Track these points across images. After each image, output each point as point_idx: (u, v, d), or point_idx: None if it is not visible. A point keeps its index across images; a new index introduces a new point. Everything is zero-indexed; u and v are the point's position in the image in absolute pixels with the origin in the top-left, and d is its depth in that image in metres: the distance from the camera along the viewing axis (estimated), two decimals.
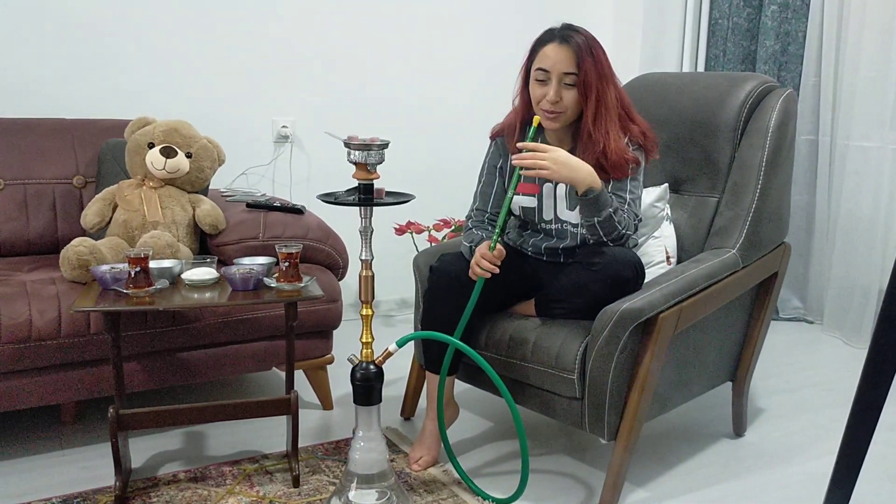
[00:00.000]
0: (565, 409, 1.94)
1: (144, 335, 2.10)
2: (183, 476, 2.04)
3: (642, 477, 2.09)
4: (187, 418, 2.02)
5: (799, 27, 3.34)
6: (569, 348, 1.89)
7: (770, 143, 2.15)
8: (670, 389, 2.02)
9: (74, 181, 2.59)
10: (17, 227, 2.49)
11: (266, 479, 2.03)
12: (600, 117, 1.94)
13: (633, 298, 1.84)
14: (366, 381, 1.79)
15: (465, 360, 2.06)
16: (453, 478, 2.04)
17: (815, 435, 2.36)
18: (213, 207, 2.37)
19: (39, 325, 1.97)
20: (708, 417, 2.45)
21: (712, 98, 2.27)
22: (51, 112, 2.71)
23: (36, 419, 2.34)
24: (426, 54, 3.44)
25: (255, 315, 2.24)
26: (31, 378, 2.02)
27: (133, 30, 2.90)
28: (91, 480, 2.01)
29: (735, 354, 2.27)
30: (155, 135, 2.36)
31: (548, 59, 1.94)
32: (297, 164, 3.26)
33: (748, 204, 2.13)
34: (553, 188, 2.05)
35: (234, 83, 3.09)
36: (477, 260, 1.92)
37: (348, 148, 1.72)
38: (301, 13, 3.17)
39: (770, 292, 2.24)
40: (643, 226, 2.20)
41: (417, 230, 3.23)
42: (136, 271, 1.82)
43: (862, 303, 3.15)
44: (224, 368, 2.26)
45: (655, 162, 2.28)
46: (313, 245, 2.37)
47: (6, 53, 2.72)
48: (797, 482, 2.07)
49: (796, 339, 3.29)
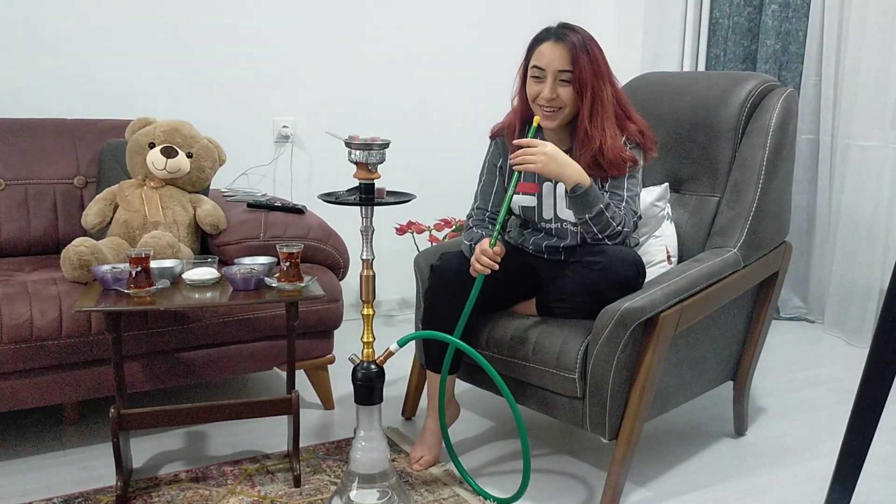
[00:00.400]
0: (566, 408, 1.94)
1: (145, 335, 2.10)
2: (184, 476, 2.04)
3: (643, 476, 2.09)
4: (188, 418, 2.02)
5: (800, 26, 3.34)
6: (570, 348, 1.89)
7: (771, 142, 2.15)
8: (671, 389, 2.02)
9: (75, 181, 2.59)
10: (18, 227, 2.50)
11: (267, 479, 2.03)
12: (596, 115, 1.95)
13: (634, 298, 1.84)
14: (367, 381, 1.79)
15: (466, 360, 2.07)
16: (455, 477, 2.04)
17: (816, 434, 2.36)
18: (214, 207, 2.37)
19: (41, 325, 1.98)
20: (709, 417, 2.45)
21: (713, 97, 2.27)
22: (52, 112, 2.72)
23: (37, 419, 2.35)
24: (427, 54, 3.44)
25: (256, 315, 2.24)
26: (33, 378, 2.02)
27: (134, 30, 2.90)
28: (92, 480, 2.01)
29: (736, 354, 2.27)
30: (156, 135, 2.36)
31: (543, 56, 1.95)
32: (298, 164, 3.26)
33: (749, 203, 2.13)
34: (553, 187, 2.06)
35: (234, 83, 3.10)
36: (477, 256, 1.92)
37: (349, 148, 1.72)
38: (302, 13, 3.17)
39: (771, 291, 2.24)
40: (644, 225, 2.20)
41: (418, 230, 3.23)
42: (137, 271, 1.82)
43: (863, 302, 3.15)
44: (225, 368, 2.26)
45: (656, 161, 2.28)
46: (314, 245, 2.37)
47: (7, 54, 2.72)
48: (798, 481, 2.07)
49: (797, 339, 3.29)
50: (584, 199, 1.89)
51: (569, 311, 1.99)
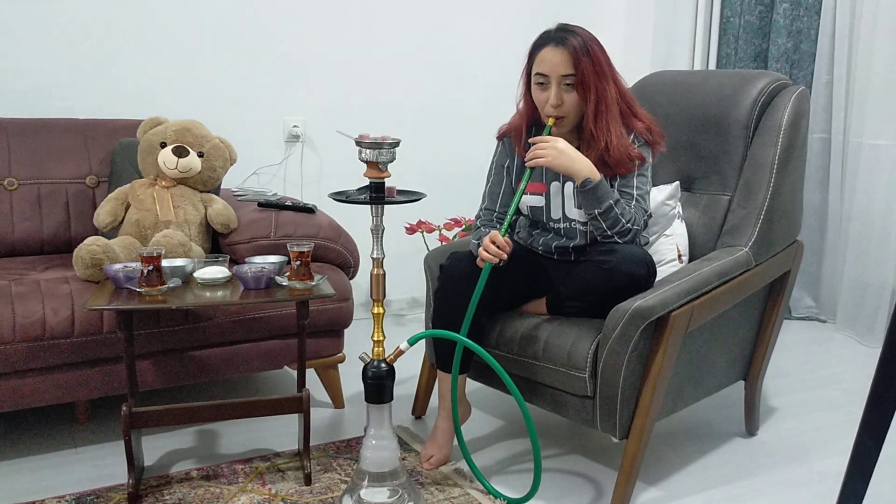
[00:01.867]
0: (577, 407, 1.94)
1: (157, 333, 2.11)
2: (195, 474, 2.05)
3: (654, 476, 2.08)
4: (199, 416, 2.03)
5: (811, 25, 3.32)
6: (580, 347, 1.89)
7: (782, 140, 2.14)
8: (682, 388, 2.02)
9: (87, 181, 2.61)
10: (30, 226, 2.51)
11: (278, 478, 2.04)
12: (601, 115, 1.95)
13: (644, 297, 1.83)
14: (377, 380, 1.79)
15: (477, 359, 2.06)
16: (465, 476, 2.04)
17: (828, 434, 2.35)
18: (224, 207, 2.38)
19: (53, 323, 1.99)
20: (720, 416, 2.45)
21: (724, 96, 2.26)
22: (63, 112, 2.73)
23: (49, 417, 2.36)
24: (437, 53, 3.44)
25: (267, 314, 2.25)
26: (45, 376, 2.03)
27: (145, 30, 2.91)
28: (104, 478, 2.02)
29: (747, 353, 2.26)
30: (167, 134, 2.37)
31: (545, 63, 1.95)
32: (308, 164, 3.27)
33: (760, 202, 2.12)
34: (560, 187, 2.06)
35: (245, 83, 3.11)
36: (485, 245, 1.91)
37: (359, 147, 1.73)
38: (313, 13, 3.18)
39: (782, 291, 2.23)
40: (654, 223, 2.20)
41: (428, 229, 3.23)
42: (148, 270, 1.83)
43: (875, 301, 3.14)
44: (236, 367, 2.27)
45: (667, 160, 2.28)
46: (325, 244, 2.38)
47: (19, 54, 2.74)
48: (810, 481, 2.06)
49: (809, 338, 3.27)
50: (594, 193, 1.89)
51: (579, 310, 1.99)
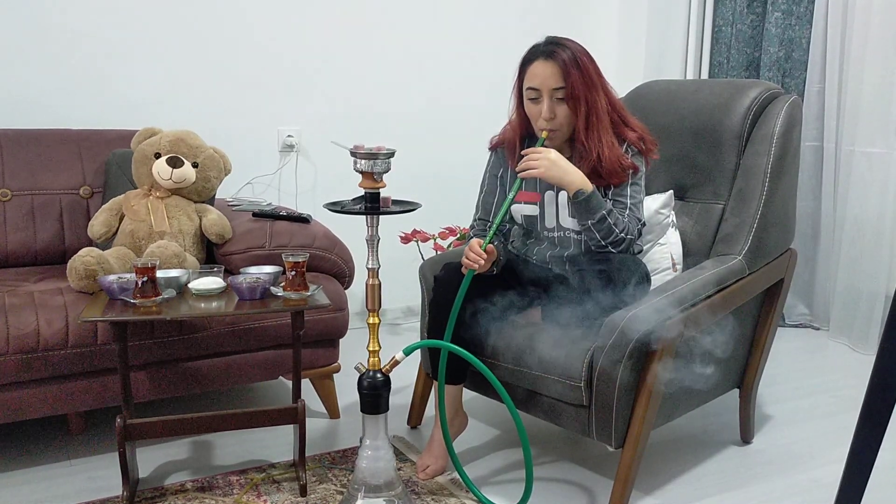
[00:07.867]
0: (572, 416, 1.94)
1: (152, 345, 2.11)
2: (190, 485, 2.04)
3: (650, 484, 2.08)
4: (194, 428, 2.02)
5: (803, 34, 3.34)
6: (575, 356, 1.89)
7: (775, 149, 2.15)
8: (677, 397, 2.02)
9: (81, 191, 2.60)
10: (24, 237, 2.51)
11: (273, 489, 2.03)
12: (592, 126, 1.96)
13: (639, 306, 1.84)
14: (373, 390, 1.79)
15: (474, 370, 2.06)
16: (461, 486, 2.04)
17: (823, 442, 2.35)
18: (219, 217, 2.38)
19: (47, 335, 1.98)
20: (715, 425, 2.45)
21: (717, 105, 2.27)
22: (57, 123, 2.73)
23: (43, 429, 2.35)
24: (432, 63, 3.45)
25: (262, 324, 2.25)
26: (39, 388, 2.02)
27: (139, 41, 2.91)
28: (99, 490, 2.01)
29: (742, 361, 2.26)
30: (161, 145, 2.37)
31: (536, 77, 1.96)
32: (303, 174, 3.27)
33: (754, 210, 2.13)
34: (555, 196, 2.06)
35: (239, 93, 3.11)
36: (466, 253, 1.96)
37: (354, 157, 1.73)
38: (307, 23, 3.18)
39: (776, 299, 2.23)
40: (648, 232, 2.20)
41: (423, 238, 3.24)
42: (143, 281, 1.83)
43: (869, 309, 3.15)
44: (231, 377, 2.26)
45: (660, 169, 2.29)
46: (320, 254, 2.38)
47: (13, 65, 2.74)
48: (805, 490, 2.07)
49: (803, 346, 3.28)
50: (587, 204, 1.89)
51: (574, 319, 1.99)
